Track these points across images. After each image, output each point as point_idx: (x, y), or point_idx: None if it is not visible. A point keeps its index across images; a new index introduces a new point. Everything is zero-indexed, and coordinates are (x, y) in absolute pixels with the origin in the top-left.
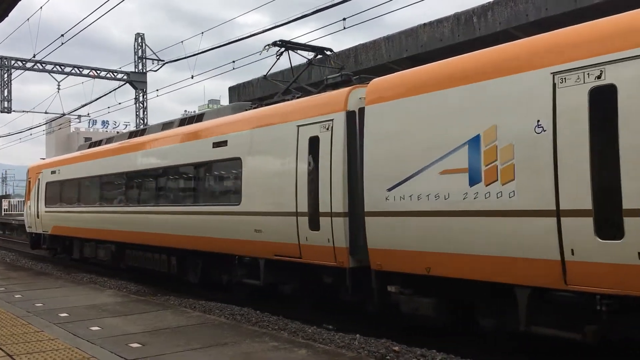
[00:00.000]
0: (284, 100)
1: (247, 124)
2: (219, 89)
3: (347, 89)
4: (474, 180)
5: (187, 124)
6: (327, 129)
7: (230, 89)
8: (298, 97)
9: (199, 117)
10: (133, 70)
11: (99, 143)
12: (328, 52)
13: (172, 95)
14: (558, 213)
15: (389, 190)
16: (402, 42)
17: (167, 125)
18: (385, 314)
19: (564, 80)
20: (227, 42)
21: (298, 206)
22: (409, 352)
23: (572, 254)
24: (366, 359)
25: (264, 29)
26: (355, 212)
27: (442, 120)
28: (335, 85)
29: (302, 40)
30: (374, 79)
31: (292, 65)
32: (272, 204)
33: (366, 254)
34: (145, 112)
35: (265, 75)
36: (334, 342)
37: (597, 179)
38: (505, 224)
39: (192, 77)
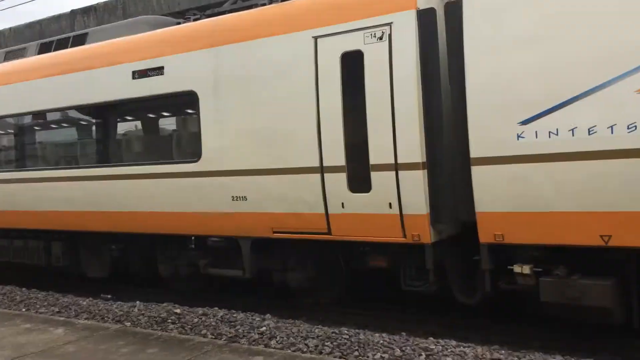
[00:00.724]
0: (253, 7)
1: (205, 40)
2: None
3: None
4: None
5: (57, 50)
6: (381, 38)
7: None
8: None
9: (78, 39)
10: None
11: None
12: None
13: None
14: None
15: (524, 123)
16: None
17: (13, 54)
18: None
19: None
20: None
21: (324, 158)
22: (190, 313)
23: None
24: (132, 330)
25: None
26: (436, 160)
27: None
28: None
29: None
30: None
31: None
32: (269, 158)
33: (450, 223)
34: None
35: None
36: (112, 312)
37: None
38: None
39: None
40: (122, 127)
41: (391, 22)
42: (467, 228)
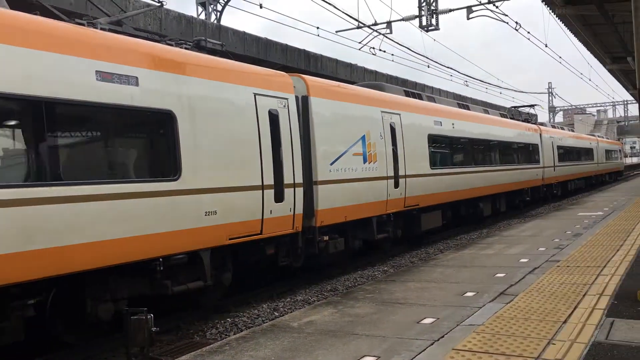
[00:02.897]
0: None
1: (179, 67)
2: None
3: None
4: None
5: None
6: (284, 106)
7: None
8: None
9: None
10: None
11: None
12: None
13: None
14: None
15: (332, 164)
16: None
17: None
18: None
19: None
20: None
21: (265, 179)
22: None
23: None
24: None
25: None
26: (303, 182)
27: None
28: None
29: None
30: None
31: None
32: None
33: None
34: None
35: None
36: None
37: None
38: None
39: None
40: None
41: (287, 98)
42: None
